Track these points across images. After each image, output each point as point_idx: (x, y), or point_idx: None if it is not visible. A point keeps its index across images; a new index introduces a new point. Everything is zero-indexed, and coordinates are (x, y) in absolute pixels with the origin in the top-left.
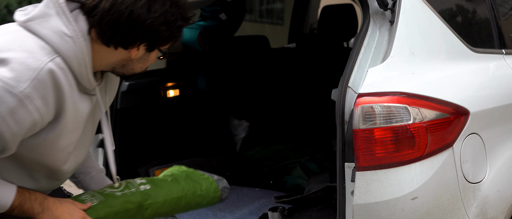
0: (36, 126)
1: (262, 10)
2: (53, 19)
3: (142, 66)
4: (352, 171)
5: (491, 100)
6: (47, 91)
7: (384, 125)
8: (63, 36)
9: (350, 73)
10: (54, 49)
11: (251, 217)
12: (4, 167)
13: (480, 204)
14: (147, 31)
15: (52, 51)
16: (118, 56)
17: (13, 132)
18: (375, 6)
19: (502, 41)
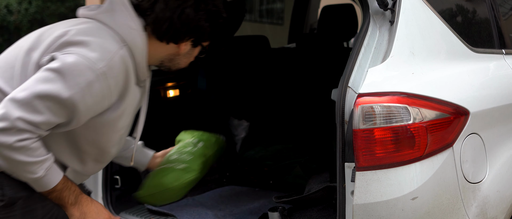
0: (104, 102)
1: (262, 10)
2: (118, 14)
3: (186, 61)
4: (352, 171)
5: (491, 100)
6: (118, 74)
7: (384, 125)
8: (129, 29)
9: (350, 73)
10: (122, 39)
11: (251, 217)
12: (60, 147)
13: (480, 204)
14: (194, 28)
15: (121, 40)
16: (168, 50)
17: (86, 104)
18: (375, 6)
19: (502, 41)
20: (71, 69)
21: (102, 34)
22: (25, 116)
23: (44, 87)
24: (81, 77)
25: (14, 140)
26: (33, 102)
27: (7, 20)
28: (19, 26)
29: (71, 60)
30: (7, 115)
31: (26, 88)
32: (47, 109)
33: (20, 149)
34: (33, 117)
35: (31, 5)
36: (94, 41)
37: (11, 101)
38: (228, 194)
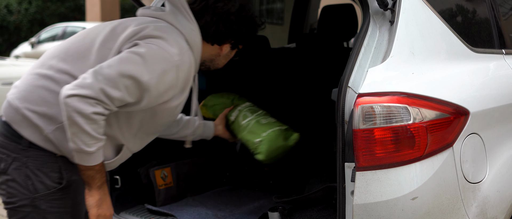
0: (170, 91)
1: (262, 10)
2: (181, 16)
3: (223, 62)
4: (352, 171)
5: (491, 100)
6: (186, 68)
7: (384, 125)
8: (191, 30)
9: (350, 73)
10: (187, 39)
11: (251, 217)
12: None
13: (480, 204)
14: (236, 32)
15: (186, 40)
16: (211, 51)
17: (158, 89)
18: (375, 6)
19: (502, 41)
20: (152, 57)
21: (174, 33)
22: (107, 89)
23: (128, 68)
24: (159, 65)
25: (91, 110)
26: (116, 79)
27: (7, 20)
28: (19, 26)
29: (153, 49)
30: (92, 85)
31: (111, 66)
32: (125, 87)
33: (92, 121)
34: (113, 92)
35: (31, 5)
36: (171, 37)
37: (97, 73)
38: (228, 194)
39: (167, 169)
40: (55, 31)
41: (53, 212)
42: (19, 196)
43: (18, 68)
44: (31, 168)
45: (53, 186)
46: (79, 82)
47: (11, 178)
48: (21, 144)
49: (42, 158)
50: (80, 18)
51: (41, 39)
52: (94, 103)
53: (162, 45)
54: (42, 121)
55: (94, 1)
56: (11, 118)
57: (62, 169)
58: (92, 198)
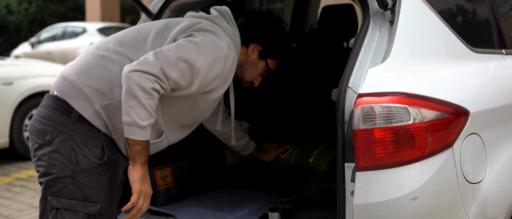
0: (216, 81)
1: (262, 10)
2: (225, 21)
3: (250, 72)
4: (352, 171)
5: (491, 101)
6: (231, 63)
7: (384, 125)
8: (234, 35)
9: (350, 74)
10: (231, 41)
11: (251, 217)
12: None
13: (480, 204)
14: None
15: (231, 43)
16: (241, 56)
17: (207, 76)
18: (375, 6)
19: (502, 41)
20: (207, 46)
21: (221, 32)
22: (166, 68)
23: (185, 52)
24: (211, 54)
25: (151, 86)
26: (174, 61)
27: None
28: (19, 26)
29: (207, 40)
30: (154, 63)
31: (170, 50)
32: (180, 70)
33: (150, 96)
34: (171, 72)
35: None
36: (220, 33)
37: (158, 54)
38: (228, 194)
39: (167, 169)
40: (55, 31)
41: (90, 186)
42: (60, 167)
43: (18, 68)
44: (77, 141)
45: (94, 161)
46: (142, 60)
47: (54, 149)
48: (70, 117)
49: (88, 133)
50: (80, 18)
51: (41, 39)
52: (153, 80)
53: (214, 38)
54: (95, 95)
55: (94, 1)
56: (65, 91)
57: (104, 146)
58: (136, 174)
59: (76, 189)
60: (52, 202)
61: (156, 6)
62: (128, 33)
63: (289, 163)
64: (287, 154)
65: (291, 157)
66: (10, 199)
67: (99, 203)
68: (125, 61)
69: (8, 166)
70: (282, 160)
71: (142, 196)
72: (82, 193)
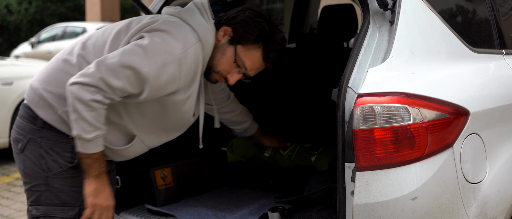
0: (173, 84)
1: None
2: (198, 15)
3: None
4: (352, 171)
5: (491, 101)
6: (190, 63)
7: (384, 125)
8: (205, 28)
9: (350, 73)
10: (197, 36)
11: (251, 217)
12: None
13: (480, 204)
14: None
15: (197, 36)
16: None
17: (158, 81)
18: (375, 6)
19: (502, 41)
20: (154, 49)
21: (183, 29)
22: (107, 78)
23: (129, 59)
24: (160, 57)
25: (90, 98)
26: (117, 69)
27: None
28: (19, 26)
29: (156, 41)
30: (93, 73)
31: (114, 57)
32: (126, 78)
33: (91, 108)
34: (113, 81)
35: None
36: (178, 32)
37: (99, 63)
38: (228, 194)
39: (167, 169)
40: (55, 31)
41: (65, 190)
42: (33, 175)
43: (18, 68)
44: (45, 148)
45: (65, 165)
46: (82, 71)
47: (26, 158)
48: (36, 124)
49: (55, 138)
50: (80, 18)
51: (41, 39)
52: (93, 91)
53: (166, 39)
54: (57, 101)
55: (94, 1)
56: (30, 99)
57: (74, 149)
58: (88, 187)
59: (51, 195)
60: (32, 211)
61: (156, 6)
62: (94, 35)
63: (290, 160)
64: (289, 151)
65: (293, 154)
66: (10, 199)
67: (77, 206)
68: (84, 65)
69: (8, 166)
70: (284, 157)
71: (97, 210)
72: (58, 198)
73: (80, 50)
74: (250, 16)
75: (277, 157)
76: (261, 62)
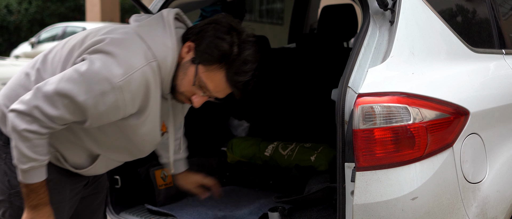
0: (119, 112)
1: (262, 10)
2: (158, 30)
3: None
4: (352, 171)
5: (491, 100)
6: (136, 88)
7: (384, 125)
8: (163, 46)
9: (350, 73)
10: (153, 55)
11: (251, 217)
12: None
13: (480, 204)
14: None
15: (152, 56)
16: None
17: (98, 110)
18: (375, 6)
19: (502, 41)
20: (92, 76)
21: (133, 48)
22: (43, 106)
23: (65, 86)
24: (97, 86)
25: (23, 127)
26: (53, 97)
27: (7, 20)
28: (19, 26)
29: (95, 66)
30: (29, 101)
31: (52, 83)
32: (64, 106)
33: (24, 138)
34: (50, 110)
35: (31, 5)
36: (122, 54)
37: (37, 90)
38: (228, 194)
39: (167, 169)
40: (55, 31)
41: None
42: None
43: (18, 68)
44: (8, 164)
45: None
46: (21, 97)
47: None
48: (1, 140)
49: None
50: (80, 18)
51: (41, 39)
52: (29, 120)
53: (107, 63)
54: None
55: (94, 1)
56: None
57: None
58: (24, 215)
59: (14, 213)
60: None
61: (156, 6)
62: (56, 47)
63: (290, 160)
64: (289, 151)
65: (293, 154)
66: None
67: None
68: (39, 80)
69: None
70: (284, 157)
71: None
72: (19, 217)
73: (39, 64)
74: (213, 32)
75: (277, 157)
76: (226, 85)
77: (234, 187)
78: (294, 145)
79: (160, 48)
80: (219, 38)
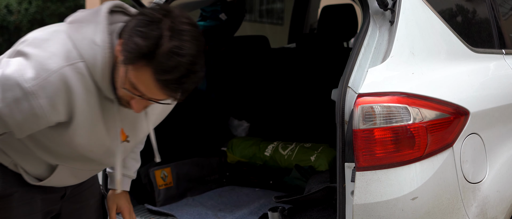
0: (40, 120)
1: (262, 10)
2: (89, 27)
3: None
4: (352, 171)
5: (491, 100)
6: (56, 93)
7: (384, 125)
8: (92, 44)
9: (350, 73)
10: (80, 55)
11: (251, 217)
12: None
13: (480, 204)
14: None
15: (78, 56)
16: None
17: (16, 119)
18: (375, 6)
19: (502, 41)
20: (4, 82)
21: (53, 48)
22: None
23: None
24: (10, 93)
25: None
26: None
27: (7, 20)
28: (19, 26)
29: (8, 72)
30: None
31: None
32: None
33: None
34: None
35: (31, 5)
36: (38, 55)
37: None
38: (228, 194)
39: (167, 169)
40: None
41: None
42: None
43: None
44: None
45: None
46: None
47: None
48: None
49: None
50: None
51: None
52: None
53: (21, 66)
54: None
55: (94, 1)
56: None
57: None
58: None
59: None
60: None
61: None
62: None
63: (290, 160)
64: (289, 151)
65: (293, 154)
66: None
67: None
68: None
69: None
70: (284, 157)
71: None
72: None
73: None
74: (132, 26)
75: (277, 157)
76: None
77: (234, 187)
78: (294, 145)
79: (88, 47)
80: (138, 32)
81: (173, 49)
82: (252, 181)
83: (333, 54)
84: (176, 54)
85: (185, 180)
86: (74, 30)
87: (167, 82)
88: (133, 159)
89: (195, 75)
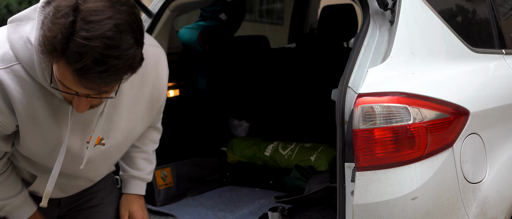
0: None
1: (262, 10)
2: (28, 25)
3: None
4: (352, 171)
5: (491, 100)
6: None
7: (384, 125)
8: (27, 44)
9: (350, 73)
10: (16, 56)
11: (251, 217)
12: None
13: (480, 204)
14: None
15: (13, 58)
16: None
17: None
18: (375, 6)
19: (502, 41)
20: None
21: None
22: None
23: None
24: None
25: None
26: None
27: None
28: None
29: None
30: None
31: None
32: None
33: None
34: None
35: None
36: None
37: None
38: (228, 194)
39: (167, 169)
40: None
41: None
42: None
43: None
44: None
45: None
46: None
47: None
48: None
49: None
50: None
51: None
52: None
53: None
54: None
55: None
56: None
57: None
58: None
59: None
60: None
61: (156, 6)
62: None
63: (290, 160)
64: (289, 151)
65: (293, 154)
66: None
67: None
68: None
69: None
70: (284, 157)
71: None
72: None
73: None
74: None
75: (277, 157)
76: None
77: (234, 187)
78: (294, 145)
79: (23, 47)
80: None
81: (80, 33)
82: (252, 181)
83: (333, 54)
84: (85, 39)
85: (185, 180)
86: (12, 30)
87: (82, 71)
88: (144, 160)
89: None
